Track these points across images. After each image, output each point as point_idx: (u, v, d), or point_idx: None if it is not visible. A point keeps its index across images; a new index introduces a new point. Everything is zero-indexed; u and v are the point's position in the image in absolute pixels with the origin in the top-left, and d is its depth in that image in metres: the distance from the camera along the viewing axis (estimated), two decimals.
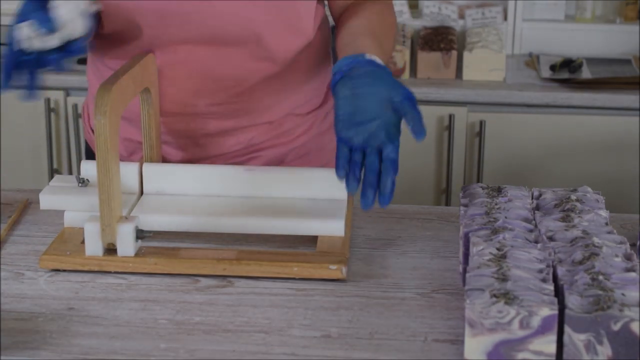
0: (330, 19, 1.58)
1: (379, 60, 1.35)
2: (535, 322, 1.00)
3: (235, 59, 1.45)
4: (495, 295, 1.02)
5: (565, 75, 2.77)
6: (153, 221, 1.33)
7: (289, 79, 1.52)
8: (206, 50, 1.44)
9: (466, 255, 1.21)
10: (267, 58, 1.47)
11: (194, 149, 1.54)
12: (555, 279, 1.10)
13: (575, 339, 1.00)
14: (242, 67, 1.46)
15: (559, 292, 1.06)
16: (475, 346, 1.02)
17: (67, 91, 2.81)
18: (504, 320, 1.00)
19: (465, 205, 1.30)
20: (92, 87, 1.58)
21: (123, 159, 1.54)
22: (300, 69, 1.53)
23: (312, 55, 1.54)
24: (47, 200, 1.36)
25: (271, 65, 1.48)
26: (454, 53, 2.76)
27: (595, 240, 1.16)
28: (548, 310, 1.00)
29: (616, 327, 0.99)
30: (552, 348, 1.01)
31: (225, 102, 1.49)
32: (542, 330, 1.00)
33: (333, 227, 1.33)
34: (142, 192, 1.42)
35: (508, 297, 1.02)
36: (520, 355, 1.01)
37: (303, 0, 1.46)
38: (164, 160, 1.53)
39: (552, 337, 1.00)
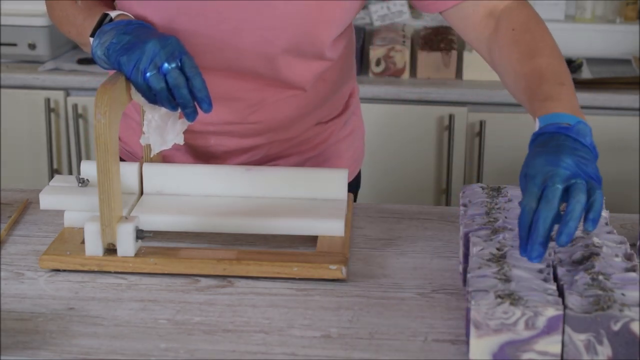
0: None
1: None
2: (541, 322, 1.00)
3: (253, 84, 1.45)
4: (500, 296, 1.02)
5: None
6: (153, 221, 1.33)
7: (312, 97, 1.50)
8: (224, 75, 1.43)
9: (466, 255, 1.21)
10: (285, 84, 1.46)
11: (213, 160, 1.53)
12: (555, 279, 1.10)
13: (575, 339, 1.00)
14: (261, 90, 1.46)
15: (559, 292, 1.06)
16: (481, 347, 1.02)
17: (67, 91, 2.81)
18: (510, 321, 1.00)
19: (465, 205, 1.30)
20: None
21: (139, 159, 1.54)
22: (324, 86, 1.51)
23: (335, 73, 1.52)
24: (47, 200, 1.36)
25: (290, 90, 1.47)
26: (454, 53, 2.76)
27: (595, 240, 1.16)
28: (553, 311, 1.00)
29: (616, 327, 0.99)
30: (557, 348, 1.01)
31: (246, 122, 1.48)
32: (548, 330, 1.00)
33: (333, 227, 1.33)
34: (142, 192, 1.42)
35: (513, 298, 1.02)
36: (526, 355, 1.01)
37: (326, 34, 1.43)
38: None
39: (558, 337, 1.00)
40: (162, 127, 1.32)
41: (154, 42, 1.25)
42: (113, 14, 1.33)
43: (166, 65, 1.24)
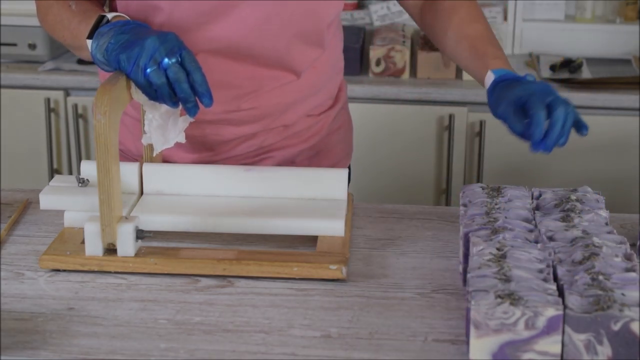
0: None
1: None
2: (541, 322, 1.00)
3: (252, 68, 1.46)
4: (500, 296, 1.02)
5: (565, 75, 2.77)
6: (153, 221, 1.33)
7: (305, 85, 1.52)
8: (223, 59, 1.44)
9: (466, 255, 1.21)
10: (283, 68, 1.48)
11: (207, 152, 1.54)
12: (555, 279, 1.10)
13: (575, 339, 1.00)
14: (259, 76, 1.47)
15: (559, 292, 1.06)
16: (481, 347, 1.02)
17: (67, 91, 2.81)
18: (510, 321, 1.00)
19: (465, 205, 1.30)
20: None
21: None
22: (316, 75, 1.54)
23: (327, 61, 1.55)
24: (47, 200, 1.36)
25: (287, 75, 1.49)
26: None
27: (595, 240, 1.16)
28: (553, 311, 1.00)
29: (616, 327, 0.99)
30: (557, 348, 1.01)
31: (241, 109, 1.49)
32: (548, 330, 1.00)
33: (333, 227, 1.33)
34: (142, 192, 1.42)
35: (513, 298, 1.02)
36: (526, 355, 1.01)
37: (324, 14, 1.47)
38: (173, 161, 1.53)
39: (558, 338, 1.00)
40: (164, 126, 1.32)
41: (153, 38, 1.25)
42: (109, 15, 1.33)
43: (166, 60, 1.24)
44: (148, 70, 1.24)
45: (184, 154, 1.53)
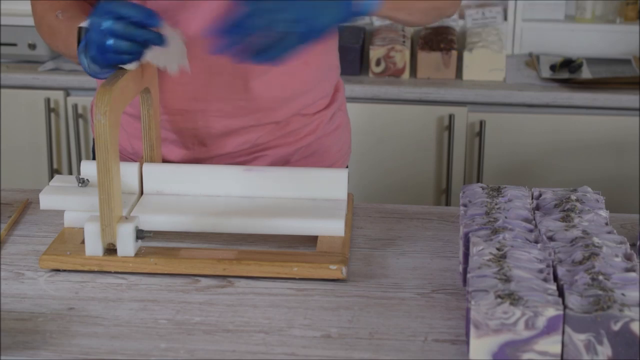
0: None
1: None
2: (541, 322, 1.00)
3: None
4: (500, 296, 1.02)
5: (565, 75, 2.77)
6: (153, 221, 1.33)
7: (296, 82, 1.52)
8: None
9: (466, 255, 1.21)
10: None
11: (199, 148, 1.54)
12: (555, 279, 1.10)
13: (575, 339, 1.00)
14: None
15: (559, 292, 1.06)
16: (481, 347, 1.02)
17: (67, 91, 2.81)
18: (510, 321, 1.00)
19: (465, 205, 1.30)
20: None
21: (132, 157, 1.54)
22: (308, 72, 1.53)
23: (320, 58, 1.55)
24: (47, 200, 1.36)
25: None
26: (454, 53, 2.76)
27: (595, 240, 1.16)
28: (553, 311, 1.00)
29: (616, 327, 0.99)
30: (557, 348, 1.01)
31: (232, 99, 1.49)
32: (548, 330, 1.00)
33: (333, 227, 1.33)
34: (142, 192, 1.42)
35: (513, 298, 1.02)
36: (526, 355, 1.01)
37: None
38: (167, 158, 1.53)
39: (558, 338, 1.00)
40: (168, 52, 1.34)
41: (90, 24, 1.28)
42: (85, 24, 1.34)
43: (104, 24, 1.26)
44: (109, 42, 1.26)
45: (177, 149, 1.53)
